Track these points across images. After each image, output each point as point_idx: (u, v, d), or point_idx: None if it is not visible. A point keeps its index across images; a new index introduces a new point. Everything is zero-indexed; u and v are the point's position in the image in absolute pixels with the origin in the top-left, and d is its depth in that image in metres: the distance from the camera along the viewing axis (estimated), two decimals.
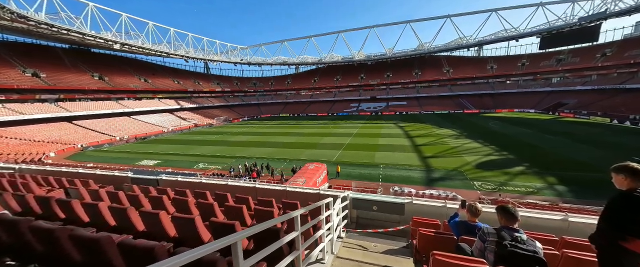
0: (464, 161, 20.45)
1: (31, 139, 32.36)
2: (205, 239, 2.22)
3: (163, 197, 3.31)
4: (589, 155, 20.38)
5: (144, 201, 3.36)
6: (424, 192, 13.59)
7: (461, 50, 69.92)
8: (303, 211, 1.97)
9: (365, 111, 65.37)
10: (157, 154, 28.11)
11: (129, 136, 40.62)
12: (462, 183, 16.14)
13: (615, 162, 1.85)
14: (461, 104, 60.18)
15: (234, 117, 64.79)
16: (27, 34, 43.22)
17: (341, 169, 19.24)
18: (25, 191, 3.86)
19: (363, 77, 76.64)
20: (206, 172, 20.63)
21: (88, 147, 33.97)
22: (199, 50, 65.61)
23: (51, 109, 39.59)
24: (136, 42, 49.10)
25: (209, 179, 5.12)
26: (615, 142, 24.62)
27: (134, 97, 54.42)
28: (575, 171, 17.32)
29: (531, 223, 3.37)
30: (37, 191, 3.85)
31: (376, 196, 4.13)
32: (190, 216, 2.17)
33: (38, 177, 4.93)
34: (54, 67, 46.14)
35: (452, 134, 31.89)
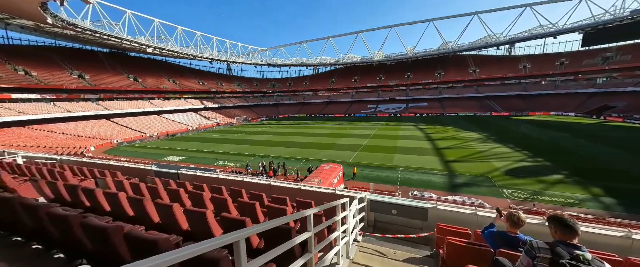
0: (491, 167, 19.00)
1: (76, 135, 35.86)
2: (216, 234, 2.16)
3: (180, 191, 3.35)
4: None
5: (163, 194, 3.44)
6: (447, 198, 12.77)
7: (490, 49, 65.60)
8: (317, 211, 1.81)
9: (383, 113, 63.81)
10: (182, 151, 29.66)
11: (158, 134, 43.48)
12: (490, 190, 14.96)
13: None
14: (489, 106, 56.40)
15: (254, 117, 66.70)
16: (74, 40, 48.17)
17: (358, 171, 18.83)
18: (62, 180, 4.16)
19: (382, 78, 74.98)
20: (226, 169, 21.33)
21: (123, 143, 36.88)
22: (223, 53, 68.61)
23: (93, 108, 43.64)
24: (166, 45, 52.58)
25: (226, 175, 5.18)
26: None
27: (164, 97, 58.23)
28: (625, 182, 15.29)
29: (583, 239, 2.89)
30: (71, 180, 4.14)
31: (396, 199, 3.86)
32: (202, 210, 2.12)
33: (74, 167, 5.36)
34: (96, 70, 50.90)
35: (478, 138, 29.90)
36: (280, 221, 1.39)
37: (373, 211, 3.96)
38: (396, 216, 3.77)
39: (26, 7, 25.84)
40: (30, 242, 1.98)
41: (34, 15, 29.17)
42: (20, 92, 36.68)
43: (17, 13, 29.27)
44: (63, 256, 1.78)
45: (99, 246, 1.37)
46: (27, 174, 4.33)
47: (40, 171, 4.32)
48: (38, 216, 1.68)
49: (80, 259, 1.70)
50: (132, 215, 2.58)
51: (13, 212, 1.86)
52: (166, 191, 3.46)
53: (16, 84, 36.17)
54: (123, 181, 3.82)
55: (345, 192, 4.20)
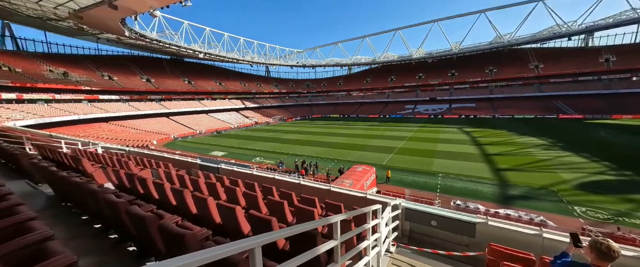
0: (558, 178, 16.08)
1: (143, 130, 42.09)
2: (244, 230, 2.20)
3: (217, 184, 3.57)
4: None
5: (203, 186, 3.71)
6: (497, 212, 11.19)
7: (558, 40, 55.61)
8: (345, 217, 1.66)
9: (422, 114, 59.60)
10: (224, 147, 32.35)
11: (206, 130, 48.30)
12: (555, 206, 12.65)
13: None
14: (554, 107, 48.01)
15: (288, 116, 69.12)
16: (144, 49, 56.67)
17: (392, 174, 17.88)
18: (126, 169, 4.85)
19: (421, 76, 70.13)
20: (261, 165, 22.52)
21: (178, 138, 41.97)
22: (262, 56, 72.72)
23: (156, 107, 50.69)
24: (214, 51, 58.09)
25: (259, 171, 5.38)
26: None
27: (211, 98, 64.48)
28: None
29: None
30: (133, 169, 4.80)
31: (437, 208, 3.43)
32: (232, 206, 2.18)
33: (137, 158, 6.25)
34: (159, 74, 59.03)
35: (539, 144, 25.68)
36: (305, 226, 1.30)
37: (408, 219, 3.60)
38: (435, 228, 3.35)
39: (111, 22, 31.41)
40: (93, 221, 2.30)
41: (116, 29, 35.28)
42: (105, 93, 44.67)
43: (104, 28, 35.84)
44: (116, 236, 2.02)
45: (139, 232, 1.48)
46: (102, 161, 5.21)
47: (111, 160, 5.15)
48: (97, 199, 1.95)
49: (129, 241, 1.89)
50: (175, 204, 2.83)
51: (81, 194, 2.18)
52: (205, 183, 3.72)
53: (102, 87, 44.17)
54: (171, 172, 4.26)
55: (378, 197, 3.93)
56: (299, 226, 1.39)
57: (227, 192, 3.44)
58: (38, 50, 45.78)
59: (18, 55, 40.87)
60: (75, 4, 25.39)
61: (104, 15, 27.63)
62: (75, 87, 40.02)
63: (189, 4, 21.62)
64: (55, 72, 40.57)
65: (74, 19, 28.88)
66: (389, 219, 2.91)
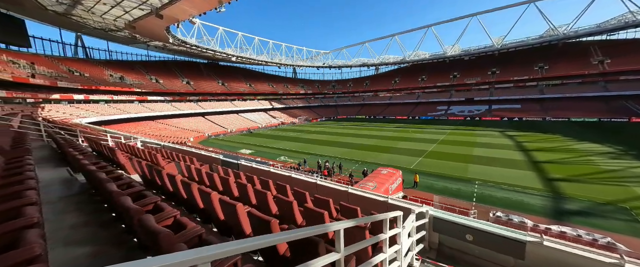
0: (630, 193, 13.39)
1: (182, 128, 46.06)
2: (245, 229, 2.04)
3: (229, 179, 3.53)
4: None
5: (217, 181, 3.71)
6: (549, 228, 9.61)
7: (629, 30, 46.86)
8: (350, 224, 1.37)
9: (456, 115, 55.16)
10: (252, 145, 33.73)
11: (236, 129, 51.06)
12: (627, 226, 10.50)
13: None
14: (624, 109, 40.55)
15: (313, 117, 69.67)
16: (185, 54, 62.22)
17: (420, 179, 16.70)
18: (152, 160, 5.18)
19: (456, 75, 65.04)
20: (285, 164, 22.90)
21: (211, 136, 45.05)
22: (289, 58, 74.59)
23: (194, 107, 55.15)
24: (245, 54, 61.28)
25: (276, 169, 5.30)
26: None
27: (242, 99, 68.08)
28: None
29: None
30: (160, 161, 5.09)
31: (473, 220, 2.88)
32: (232, 202, 2.04)
33: (166, 151, 6.72)
34: (197, 77, 64.20)
35: (604, 151, 21.81)
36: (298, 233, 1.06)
37: (437, 230, 3.10)
38: (471, 243, 2.81)
39: (158, 30, 35.16)
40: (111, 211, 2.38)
41: (162, 36, 39.34)
42: (152, 95, 49.95)
43: (153, 36, 40.26)
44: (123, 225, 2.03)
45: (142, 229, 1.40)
46: (136, 154, 5.69)
47: (143, 152, 5.58)
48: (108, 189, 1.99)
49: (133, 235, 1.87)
50: (185, 197, 2.83)
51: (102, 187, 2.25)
52: (220, 178, 3.72)
53: (150, 89, 49.46)
54: (191, 166, 4.39)
55: (401, 202, 3.49)
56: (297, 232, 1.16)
57: (239, 187, 3.37)
58: (102, 57, 53.12)
59: (87, 62, 47.90)
60: (130, 16, 28.87)
61: (152, 25, 30.93)
62: (129, 89, 45.45)
63: (222, 9, 23.04)
64: (114, 76, 46.63)
65: (129, 29, 32.89)
66: (413, 228, 2.50)
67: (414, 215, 2.44)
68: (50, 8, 28.04)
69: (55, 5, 27.11)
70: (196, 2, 22.42)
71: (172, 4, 23.12)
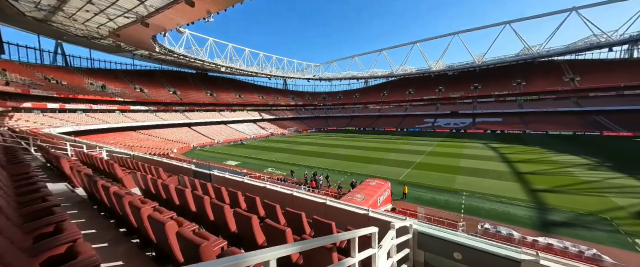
0: (610, 204, 13.72)
1: (167, 138, 44.25)
2: (175, 249, 1.62)
3: (186, 191, 3.08)
4: None
5: (173, 193, 3.24)
6: (536, 240, 9.51)
7: (596, 51, 51.14)
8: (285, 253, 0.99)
9: (443, 128, 56.69)
10: (239, 156, 32.70)
11: (224, 140, 49.70)
12: (610, 237, 10.59)
13: None
14: (596, 123, 43.18)
15: (303, 128, 69.40)
16: (172, 64, 61.24)
17: (409, 190, 16.51)
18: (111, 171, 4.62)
19: (441, 89, 67.64)
20: (272, 176, 22.16)
21: (197, 147, 43.46)
22: (280, 69, 75.16)
23: (180, 117, 53.49)
24: (235, 64, 61.12)
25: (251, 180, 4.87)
26: None
27: (231, 110, 67.05)
28: None
29: None
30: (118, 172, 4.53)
31: (462, 235, 2.56)
32: (161, 220, 1.64)
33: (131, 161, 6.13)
34: (185, 87, 62.96)
35: (582, 163, 22.69)
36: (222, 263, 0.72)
37: (422, 248, 2.75)
38: (460, 262, 2.49)
39: (144, 39, 34.45)
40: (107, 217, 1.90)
41: (148, 45, 38.57)
42: (136, 104, 48.16)
43: (138, 45, 39.36)
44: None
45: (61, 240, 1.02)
46: (98, 165, 5.11)
47: (102, 162, 5.00)
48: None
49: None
50: (120, 214, 2.38)
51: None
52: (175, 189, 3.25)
53: (134, 98, 47.74)
54: (154, 178, 3.89)
55: (383, 214, 3.16)
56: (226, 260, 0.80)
57: (195, 199, 2.92)
58: (83, 65, 51.23)
59: (66, 70, 45.93)
60: (114, 24, 28.18)
61: (138, 33, 30.29)
62: (111, 98, 43.63)
63: (211, 20, 22.97)
64: (95, 85, 44.78)
65: (113, 37, 32.02)
66: (393, 247, 2.15)
67: (394, 231, 2.10)
68: (28, 14, 26.98)
69: (34, 11, 26.11)
70: (184, 11, 22.25)
71: (159, 13, 22.83)
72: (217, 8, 21.80)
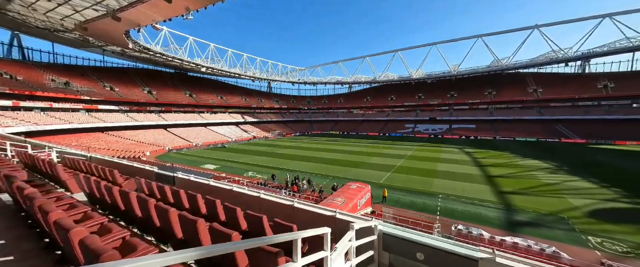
0: (567, 204, 14.90)
1: (139, 141, 41.42)
2: (77, 253, 1.39)
3: (131, 194, 2.75)
4: None
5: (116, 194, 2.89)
6: (504, 240, 10.00)
7: (555, 65, 56.58)
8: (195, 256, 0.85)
9: (422, 133, 59.01)
10: (218, 160, 31.42)
11: (203, 143, 47.59)
12: (566, 235, 11.43)
13: None
14: (557, 131, 47.35)
15: (287, 131, 68.70)
16: (148, 62, 58.01)
17: (389, 193, 16.80)
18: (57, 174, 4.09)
19: (421, 96, 70.67)
20: (252, 180, 21.47)
21: (172, 149, 41.13)
22: (264, 72, 74.20)
23: (155, 118, 50.48)
24: (217, 65, 59.30)
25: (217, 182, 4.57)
26: None
27: (211, 111, 64.65)
28: None
29: None
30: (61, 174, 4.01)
31: (424, 235, 2.53)
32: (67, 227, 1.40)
33: (86, 163, 5.53)
34: (161, 86, 59.76)
35: (544, 167, 24.61)
36: None
37: (387, 250, 2.68)
38: (422, 263, 2.45)
39: (115, 34, 32.22)
40: None
41: (120, 41, 36.16)
42: (105, 103, 44.72)
43: (109, 40, 36.75)
44: None
45: None
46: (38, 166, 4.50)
47: (45, 164, 4.43)
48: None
49: None
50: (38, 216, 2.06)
51: None
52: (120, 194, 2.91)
53: (103, 97, 44.34)
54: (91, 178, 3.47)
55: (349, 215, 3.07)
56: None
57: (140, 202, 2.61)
58: (44, 60, 46.80)
59: (23, 64, 41.66)
60: (81, 16, 26.11)
61: (108, 28, 28.32)
62: (75, 96, 40.14)
63: (190, 17, 22.08)
64: (57, 82, 40.99)
65: (79, 30, 29.61)
66: (351, 249, 2.04)
67: (353, 232, 1.99)
68: None
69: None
70: (161, 7, 21.19)
71: (133, 7, 21.52)
72: (197, 5, 21.05)
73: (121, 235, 1.53)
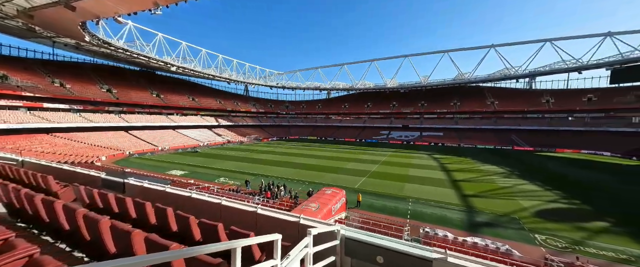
0: (518, 206, 16.50)
1: (93, 144, 37.09)
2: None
3: (55, 203, 2.37)
4: None
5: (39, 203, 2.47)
6: (465, 240, 10.69)
7: (508, 81, 63.84)
8: None
9: (396, 140, 61.75)
10: (187, 165, 29.35)
11: (170, 147, 44.21)
12: (518, 234, 12.59)
13: None
14: (510, 140, 52.85)
15: (264, 136, 67.05)
16: (109, 58, 52.91)
17: (363, 198, 17.08)
18: None
19: (395, 105, 74.29)
20: (224, 186, 20.36)
21: (134, 154, 37.51)
22: (241, 74, 72.11)
23: (114, 120, 45.81)
24: (189, 65, 56.18)
25: (174, 189, 4.18)
26: None
27: (181, 113, 60.66)
28: None
29: None
30: None
31: (384, 238, 2.55)
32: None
33: (14, 169, 4.69)
34: (124, 85, 54.68)
35: (500, 172, 27.13)
36: None
37: (349, 254, 2.65)
38: (382, 265, 2.45)
39: (68, 25, 28.85)
40: None
41: (75, 33, 32.47)
42: (52, 101, 39.48)
43: (61, 31, 32.79)
44: None
45: None
46: None
47: None
48: None
49: None
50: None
51: None
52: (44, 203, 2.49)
53: (49, 94, 39.13)
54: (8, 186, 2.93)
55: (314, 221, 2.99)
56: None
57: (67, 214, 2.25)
58: None
59: None
60: (27, 2, 23.02)
61: (60, 17, 25.31)
62: (13, 91, 34.90)
63: (159, 12, 20.68)
64: None
65: (23, 18, 25.97)
66: (308, 257, 1.96)
67: (310, 238, 1.91)
68: None
69: None
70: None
71: None
72: (166, 1, 19.85)
73: (27, 253, 1.26)
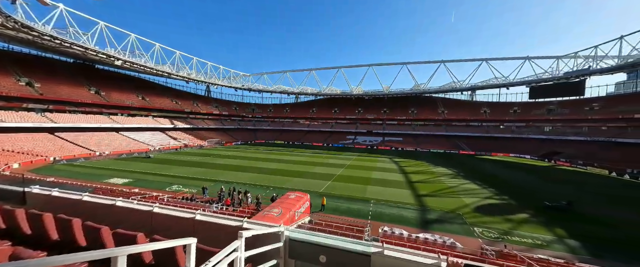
0: (462, 203, 18.65)
1: (1, 148, 30.15)
2: None
3: None
4: (605, 211, 18.85)
5: None
6: (418, 236, 11.62)
7: (455, 93, 72.81)
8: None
9: (361, 144, 64.52)
10: (131, 172, 25.94)
11: (111, 152, 38.51)
12: (461, 228, 14.20)
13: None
14: (457, 145, 59.86)
15: (228, 140, 63.34)
16: (32, 45, 44.12)
17: (328, 201, 17.33)
18: None
19: (360, 111, 77.88)
20: (177, 194, 18.47)
21: (61, 160, 31.63)
22: (202, 74, 67.28)
23: (35, 119, 38.07)
24: (139, 60, 50.22)
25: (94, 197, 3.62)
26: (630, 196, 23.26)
27: (128, 114, 53.55)
28: (587, 223, 15.60)
29: None
30: None
31: (325, 237, 2.61)
32: None
33: None
34: (51, 79, 46.05)
35: (448, 173, 30.40)
36: None
37: (293, 257, 2.62)
38: (325, 265, 2.50)
39: None
40: None
41: None
42: None
43: None
44: None
45: None
46: None
47: None
48: None
49: None
50: None
51: None
52: None
53: None
54: None
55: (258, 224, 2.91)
56: None
57: None
58: None
59: None
60: None
61: None
62: None
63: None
64: None
65: None
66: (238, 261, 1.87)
67: (241, 241, 1.84)
68: None
69: None
70: None
71: None
72: None
73: None
